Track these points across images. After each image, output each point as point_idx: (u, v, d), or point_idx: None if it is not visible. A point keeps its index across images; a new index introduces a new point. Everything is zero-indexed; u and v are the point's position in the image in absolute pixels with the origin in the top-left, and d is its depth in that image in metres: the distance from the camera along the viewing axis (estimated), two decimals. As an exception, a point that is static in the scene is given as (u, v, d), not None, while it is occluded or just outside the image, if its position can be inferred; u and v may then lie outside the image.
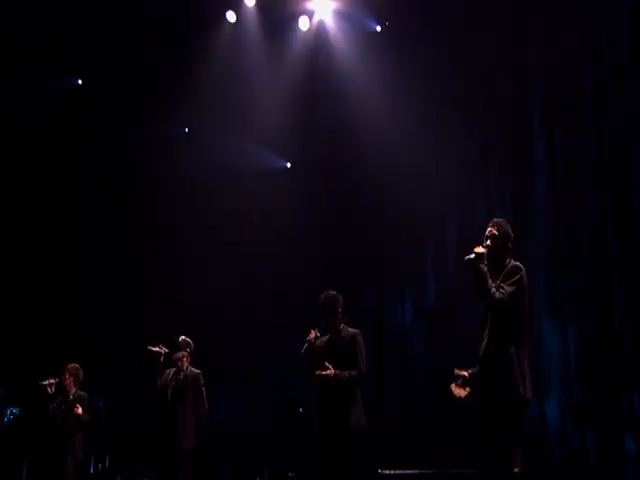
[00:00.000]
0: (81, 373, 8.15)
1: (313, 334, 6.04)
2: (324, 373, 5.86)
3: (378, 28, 11.51)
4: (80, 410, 7.82)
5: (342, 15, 11.43)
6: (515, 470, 4.12)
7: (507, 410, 4.61)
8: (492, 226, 4.92)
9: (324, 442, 5.92)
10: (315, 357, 6.06)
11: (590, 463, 8.54)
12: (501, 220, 4.98)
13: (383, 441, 10.44)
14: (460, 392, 4.88)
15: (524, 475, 4.12)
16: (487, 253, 4.76)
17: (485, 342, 4.76)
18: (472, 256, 4.71)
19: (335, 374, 5.85)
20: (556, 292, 9.24)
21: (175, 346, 7.31)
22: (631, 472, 8.15)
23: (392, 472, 3.98)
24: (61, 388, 8.04)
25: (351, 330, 6.11)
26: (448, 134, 10.82)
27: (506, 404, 4.61)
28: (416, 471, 4.19)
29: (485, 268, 4.67)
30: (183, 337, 7.39)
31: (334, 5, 11.40)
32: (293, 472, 9.56)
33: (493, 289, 4.65)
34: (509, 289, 4.67)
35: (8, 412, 10.08)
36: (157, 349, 7.15)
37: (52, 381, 7.97)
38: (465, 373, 4.93)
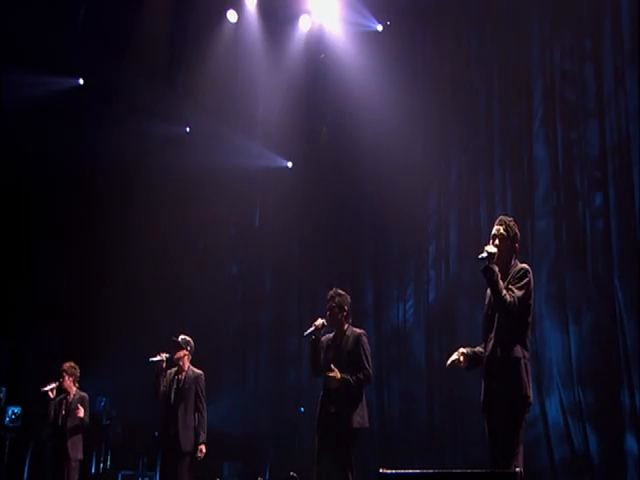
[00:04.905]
0: (77, 371, 8.18)
1: (320, 321, 6.03)
2: (331, 374, 5.84)
3: (379, 27, 11.51)
4: (81, 412, 7.84)
5: (343, 15, 11.42)
6: (517, 470, 4.11)
7: (512, 410, 4.61)
8: (500, 225, 4.88)
9: (324, 441, 5.92)
10: (319, 350, 6.05)
11: (592, 463, 8.53)
12: (509, 219, 4.94)
13: (383, 441, 10.47)
14: (461, 361, 4.87)
15: (526, 475, 4.11)
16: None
17: (492, 343, 4.75)
18: (484, 255, 4.67)
19: (342, 377, 5.84)
20: (557, 291, 9.23)
21: (175, 346, 7.29)
22: (633, 472, 8.14)
23: (392, 472, 3.97)
24: (61, 390, 8.06)
25: (356, 330, 6.13)
26: (449, 134, 10.84)
27: (511, 404, 4.62)
28: (416, 471, 4.18)
29: (497, 268, 4.65)
30: (183, 336, 7.38)
31: (335, 5, 11.39)
32: (294, 471, 9.53)
33: (504, 292, 4.64)
34: (519, 293, 4.66)
35: (10, 412, 10.07)
36: (159, 357, 7.14)
37: (53, 385, 8.00)
38: (465, 351, 4.91)
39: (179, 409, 7.09)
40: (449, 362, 4.93)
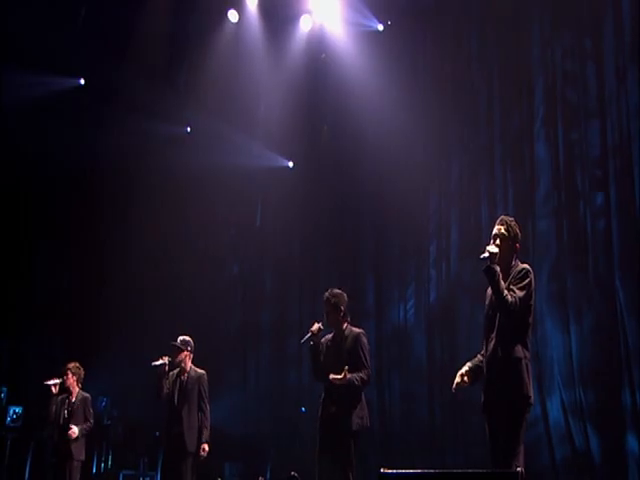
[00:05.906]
0: (82, 372, 8.16)
1: (316, 326, 6.03)
2: (337, 377, 5.82)
3: (380, 27, 11.51)
4: (75, 434, 7.79)
5: (344, 14, 11.41)
6: (518, 469, 4.10)
7: (512, 410, 4.61)
8: (501, 224, 4.87)
9: (324, 441, 5.91)
10: (319, 354, 6.05)
11: (593, 463, 8.52)
12: (510, 219, 4.92)
13: (384, 441, 10.47)
14: (466, 381, 4.89)
15: (527, 475, 4.10)
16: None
17: (493, 344, 4.74)
18: (486, 255, 4.66)
19: (346, 377, 5.83)
20: (558, 291, 9.22)
21: (176, 350, 7.27)
22: (634, 472, 8.13)
23: (393, 472, 3.96)
24: (64, 388, 8.04)
25: (355, 330, 6.12)
26: (450, 133, 10.83)
27: (512, 404, 4.61)
28: (417, 471, 4.17)
29: (498, 268, 4.64)
30: (181, 337, 7.37)
31: (336, 4, 11.38)
32: (295, 471, 9.54)
33: (506, 292, 4.63)
34: (520, 293, 4.65)
35: (11, 412, 10.07)
36: (161, 361, 7.15)
37: (57, 381, 7.98)
38: (466, 369, 4.92)
39: (183, 410, 7.08)
40: (454, 387, 4.94)
